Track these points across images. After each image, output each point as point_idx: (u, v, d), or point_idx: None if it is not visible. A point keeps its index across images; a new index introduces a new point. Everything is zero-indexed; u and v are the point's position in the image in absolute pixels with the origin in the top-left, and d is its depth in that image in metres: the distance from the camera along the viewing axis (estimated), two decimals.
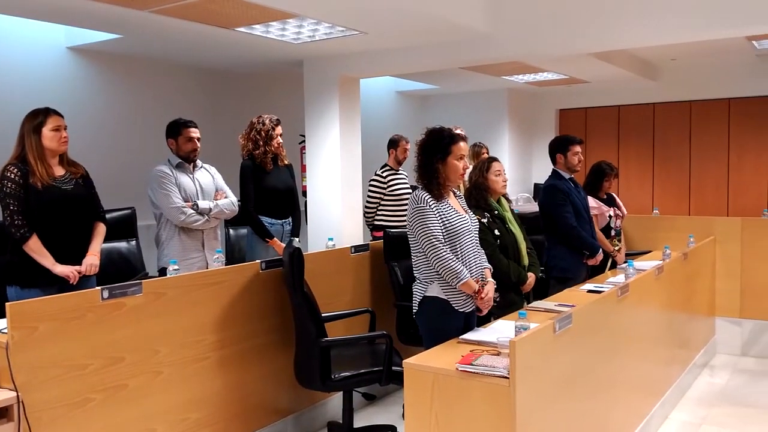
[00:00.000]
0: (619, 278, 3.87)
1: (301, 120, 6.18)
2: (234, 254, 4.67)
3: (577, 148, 4.49)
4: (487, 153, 5.98)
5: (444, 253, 2.96)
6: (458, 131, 5.45)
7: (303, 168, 6.51)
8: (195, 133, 4.10)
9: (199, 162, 4.20)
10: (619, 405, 3.33)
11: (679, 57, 7.64)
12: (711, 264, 5.25)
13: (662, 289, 4.01)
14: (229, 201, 4.18)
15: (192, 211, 3.98)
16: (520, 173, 9.17)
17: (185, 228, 3.99)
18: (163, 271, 3.83)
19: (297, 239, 4.24)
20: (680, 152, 8.40)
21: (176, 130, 4.09)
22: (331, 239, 4.25)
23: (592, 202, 4.81)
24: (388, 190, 5.46)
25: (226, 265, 3.57)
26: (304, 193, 6.30)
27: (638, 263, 4.12)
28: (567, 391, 2.70)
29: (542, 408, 2.48)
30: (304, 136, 6.26)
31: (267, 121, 4.31)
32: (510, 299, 3.65)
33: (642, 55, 7.55)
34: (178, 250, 3.96)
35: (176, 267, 3.27)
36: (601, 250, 4.46)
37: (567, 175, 4.50)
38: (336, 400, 3.81)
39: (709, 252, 5.20)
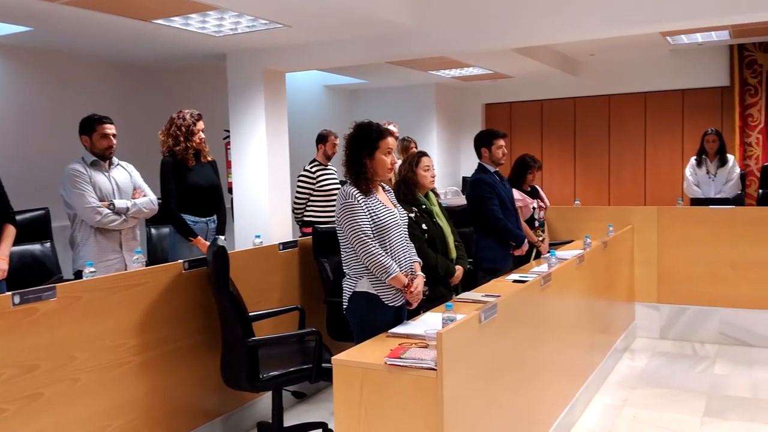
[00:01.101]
0: (543, 268, 3.96)
1: (226, 115, 6.04)
2: (156, 254, 4.52)
3: (501, 142, 4.57)
4: (416, 147, 6.01)
5: (373, 248, 2.95)
6: (390, 126, 5.51)
7: (228, 164, 6.38)
8: (110, 129, 3.94)
9: (115, 160, 4.04)
10: (545, 391, 3.41)
11: (597, 52, 7.91)
12: (629, 252, 5.45)
13: (583, 277, 4.14)
14: (148, 199, 4.04)
15: (108, 211, 3.83)
16: (449, 167, 9.28)
17: (101, 228, 3.84)
18: (78, 274, 3.66)
19: (222, 237, 4.14)
20: (600, 145, 8.71)
21: (90, 126, 3.92)
22: (258, 236, 4.17)
23: (516, 194, 4.91)
24: (317, 185, 5.41)
25: (147, 265, 3.45)
26: (230, 190, 6.17)
27: (560, 253, 4.24)
28: (494, 379, 2.74)
29: (470, 398, 2.51)
30: (228, 131, 6.12)
31: (188, 117, 4.18)
32: (439, 292, 3.69)
33: (563, 51, 7.77)
34: (95, 252, 3.81)
35: (92, 269, 3.13)
36: (526, 240, 4.57)
37: (492, 169, 4.58)
38: (265, 400, 3.75)
39: (628, 240, 5.41)
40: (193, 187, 4.21)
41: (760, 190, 6.64)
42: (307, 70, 7.28)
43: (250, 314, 3.44)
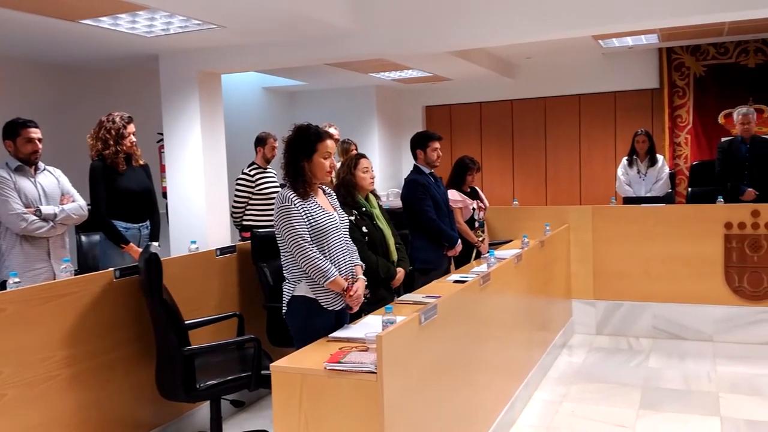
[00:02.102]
0: (483, 268, 4.00)
1: (159, 118, 5.87)
2: (87, 263, 4.35)
3: (436, 144, 4.61)
4: (357, 150, 5.99)
5: (310, 252, 2.91)
6: (331, 129, 5.48)
7: (162, 168, 6.21)
8: (35, 133, 3.78)
9: (41, 164, 3.87)
10: (486, 389, 3.45)
11: (533, 56, 8.08)
12: (566, 250, 5.58)
13: (522, 276, 4.20)
14: (77, 205, 3.89)
15: (34, 218, 3.67)
16: (390, 169, 9.30)
17: (28, 236, 3.67)
18: (2, 285, 3.48)
19: (156, 244, 4.02)
20: (537, 146, 8.89)
21: (14, 130, 3.75)
22: (193, 242, 4.07)
23: (456, 195, 4.96)
24: (256, 189, 5.33)
25: (77, 274, 3.32)
26: (165, 195, 6.00)
27: (499, 252, 4.29)
28: (435, 380, 2.75)
29: (411, 399, 2.51)
30: (162, 134, 5.96)
31: (117, 119, 4.04)
32: (380, 295, 3.68)
33: (500, 54, 7.90)
34: (21, 261, 3.64)
35: (17, 279, 2.98)
36: (459, 241, 4.62)
37: (427, 170, 4.61)
38: (203, 410, 3.65)
39: (564, 239, 5.53)
40: (124, 192, 4.08)
41: (689, 189, 6.89)
42: (243, 72, 7.15)
43: (186, 322, 3.35)
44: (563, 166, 8.75)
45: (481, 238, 5.05)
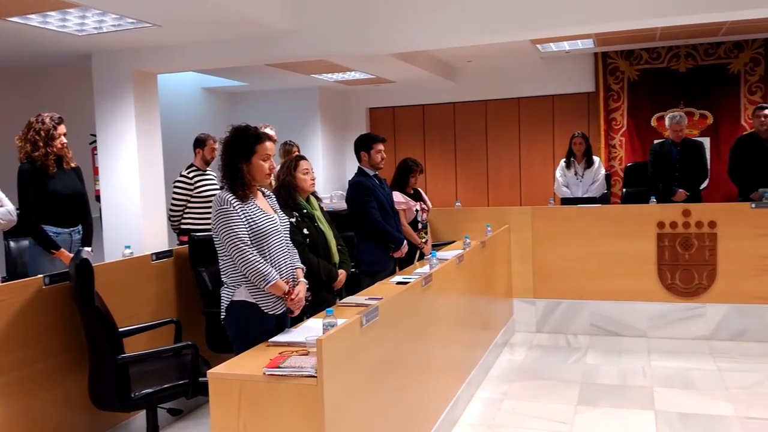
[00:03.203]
0: (425, 269, 4.02)
1: (92, 118, 5.68)
2: (16, 269, 4.15)
3: (380, 147, 4.62)
4: (299, 151, 5.93)
5: (250, 256, 2.86)
6: (267, 130, 5.40)
7: (95, 170, 6.01)
8: None
9: None
10: (429, 389, 3.46)
11: (474, 59, 8.20)
12: (507, 250, 5.67)
13: (463, 276, 4.24)
14: (5, 210, 3.73)
15: None
16: (334, 171, 9.27)
17: None
18: None
19: (88, 249, 3.88)
20: (478, 148, 9.02)
21: None
22: (128, 247, 3.94)
23: (399, 197, 4.97)
24: (194, 191, 5.21)
25: (4, 281, 3.17)
26: (98, 198, 5.80)
27: (441, 253, 4.32)
28: (377, 382, 2.74)
29: (352, 402, 2.49)
30: (95, 135, 5.76)
31: (47, 120, 3.89)
32: (322, 297, 3.65)
33: (441, 57, 7.98)
34: None
35: None
36: (406, 242, 4.63)
37: (371, 172, 4.61)
38: (140, 419, 3.53)
39: (505, 239, 5.62)
40: (55, 196, 3.92)
41: (624, 189, 7.12)
42: (181, 72, 7.00)
43: (121, 330, 3.25)
44: (504, 167, 8.90)
45: (424, 240, 5.08)
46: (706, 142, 7.60)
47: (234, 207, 2.89)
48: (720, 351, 4.96)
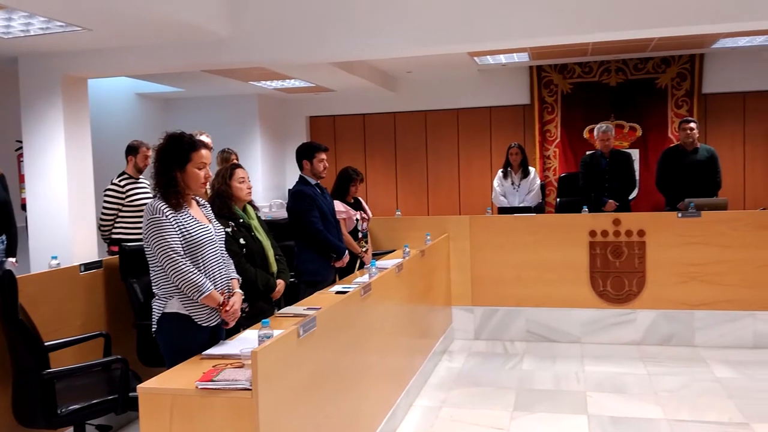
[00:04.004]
0: (364, 278, 4.02)
1: (18, 124, 5.44)
2: None
3: (323, 155, 4.59)
4: (237, 159, 5.83)
5: (183, 266, 2.78)
6: (203, 137, 5.30)
7: (21, 178, 5.75)
8: None
9: None
10: (368, 399, 3.45)
11: (414, 70, 8.28)
12: (446, 259, 5.73)
13: (403, 285, 4.26)
14: None
15: None
16: (274, 179, 9.18)
17: None
18: None
19: (12, 260, 3.71)
20: (418, 158, 9.10)
21: None
22: (54, 257, 3.79)
23: (340, 206, 4.95)
24: (126, 200, 5.06)
25: None
26: (24, 207, 5.55)
27: (380, 262, 4.33)
28: (315, 393, 2.70)
29: (289, 415, 2.45)
30: (21, 142, 5.52)
31: None
32: (260, 308, 3.60)
33: (381, 67, 8.03)
34: None
35: None
36: (347, 252, 4.61)
37: (313, 181, 4.58)
38: None
39: (444, 248, 5.68)
40: None
41: (558, 199, 7.31)
42: (113, 77, 6.79)
43: (46, 344, 3.12)
44: (444, 177, 9.01)
45: (364, 249, 5.08)
46: (636, 153, 7.90)
47: (167, 216, 2.81)
48: (649, 355, 5.14)
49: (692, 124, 6.05)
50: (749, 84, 7.87)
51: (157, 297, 2.89)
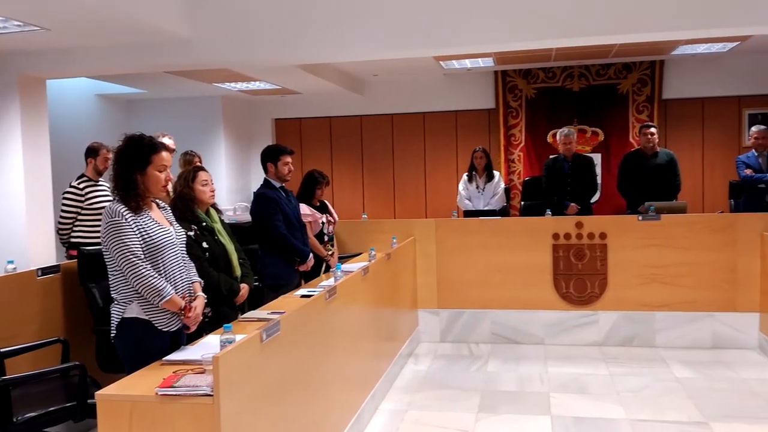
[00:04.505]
0: (330, 281, 4.00)
1: None
2: None
3: (288, 158, 4.56)
4: (200, 161, 5.77)
5: (143, 270, 2.73)
6: (165, 139, 5.23)
7: None
8: None
9: None
10: (333, 403, 3.43)
11: (380, 73, 8.30)
12: (412, 262, 5.74)
13: (368, 289, 4.25)
14: None
15: None
16: (238, 182, 9.09)
17: None
18: None
19: None
20: (385, 161, 9.12)
21: None
22: (11, 262, 3.69)
23: (305, 209, 4.93)
24: (85, 203, 4.97)
25: None
26: None
27: (346, 266, 4.32)
28: (278, 398, 2.68)
29: (251, 420, 2.42)
30: None
31: None
32: (223, 313, 3.56)
33: (348, 70, 8.02)
34: None
35: None
36: (312, 255, 4.59)
37: (278, 184, 4.55)
38: None
39: (410, 251, 5.69)
40: None
41: (523, 202, 7.39)
42: (72, 77, 6.64)
43: (2, 350, 3.06)
44: (410, 180, 9.04)
45: (330, 252, 5.06)
46: (598, 157, 8.04)
47: (126, 219, 2.76)
48: (611, 356, 5.22)
49: (652, 129, 6.18)
50: (708, 90, 8.08)
51: (116, 302, 2.83)
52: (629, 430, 3.77)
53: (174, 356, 2.71)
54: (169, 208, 3.15)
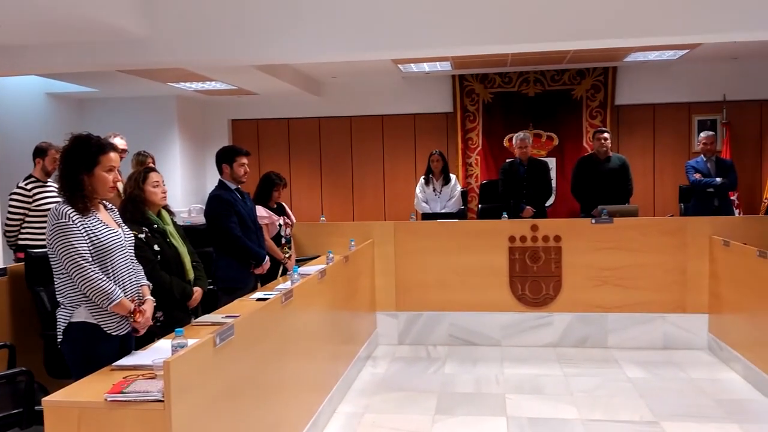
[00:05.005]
0: (287, 284, 3.96)
1: None
2: None
3: (244, 160, 4.50)
4: (153, 162, 5.65)
5: (91, 273, 2.66)
6: (117, 140, 5.11)
7: None
8: None
9: None
10: (289, 407, 3.39)
11: (339, 75, 8.27)
12: (371, 264, 5.73)
13: (326, 291, 4.22)
14: None
15: None
16: (193, 183, 8.94)
17: None
18: None
19: None
20: (344, 163, 9.09)
21: None
22: None
23: (263, 211, 4.87)
24: (33, 204, 4.82)
25: None
26: None
27: (303, 269, 4.28)
28: (233, 403, 2.63)
29: (204, 426, 2.37)
30: None
31: None
32: (176, 317, 3.48)
33: (306, 72, 7.98)
34: None
35: None
36: (267, 258, 4.54)
37: (233, 186, 4.48)
38: None
39: (369, 253, 5.68)
40: None
41: (480, 205, 7.46)
42: (19, 75, 6.43)
43: None
44: (369, 183, 9.03)
45: (287, 255, 5.01)
46: (552, 162, 8.19)
47: (73, 220, 2.68)
48: (566, 357, 5.30)
49: (605, 134, 6.32)
50: (659, 96, 8.30)
51: (62, 306, 2.75)
52: (582, 431, 3.84)
53: (124, 361, 2.64)
54: (116, 209, 3.07)
